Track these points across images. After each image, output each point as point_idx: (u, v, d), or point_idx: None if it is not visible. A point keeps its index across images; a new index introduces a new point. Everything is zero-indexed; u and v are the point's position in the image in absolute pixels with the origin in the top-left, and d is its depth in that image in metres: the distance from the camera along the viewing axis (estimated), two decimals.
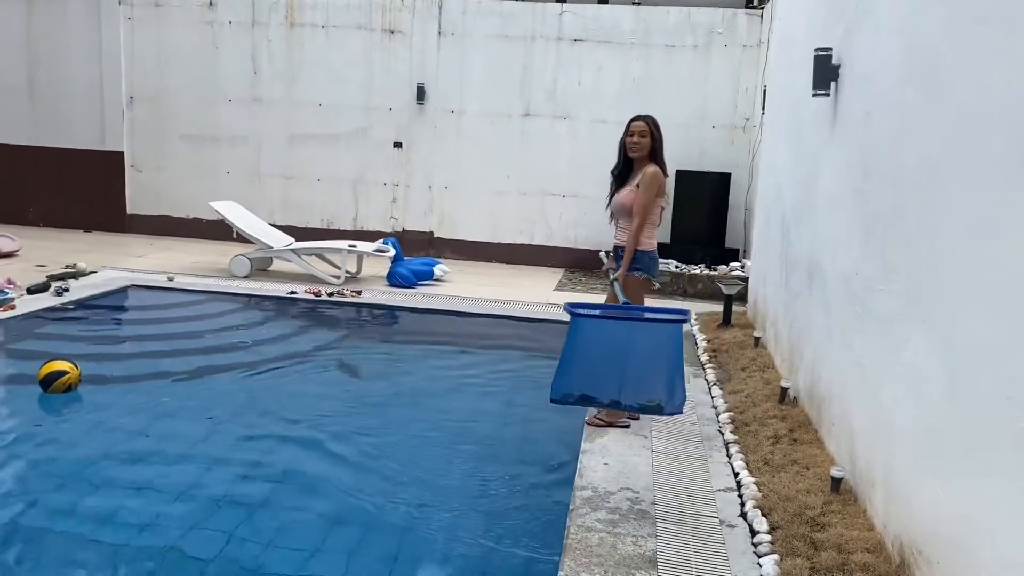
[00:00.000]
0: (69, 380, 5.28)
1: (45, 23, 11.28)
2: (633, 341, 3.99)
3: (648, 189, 4.78)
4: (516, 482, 4.43)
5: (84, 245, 10.40)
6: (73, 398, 5.28)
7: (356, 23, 10.82)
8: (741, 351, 6.65)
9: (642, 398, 4.02)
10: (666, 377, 3.88)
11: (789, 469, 4.26)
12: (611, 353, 3.95)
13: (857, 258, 4.00)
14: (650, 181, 4.79)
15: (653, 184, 4.79)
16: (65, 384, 5.27)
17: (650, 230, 4.93)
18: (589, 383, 3.96)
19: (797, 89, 5.69)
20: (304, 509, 3.95)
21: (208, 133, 11.25)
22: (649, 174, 4.80)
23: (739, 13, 10.31)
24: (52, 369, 5.27)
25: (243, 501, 4.00)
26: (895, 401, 3.35)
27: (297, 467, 4.43)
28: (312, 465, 4.47)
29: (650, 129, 4.86)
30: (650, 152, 4.88)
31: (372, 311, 8.17)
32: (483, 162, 10.81)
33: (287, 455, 4.58)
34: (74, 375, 5.31)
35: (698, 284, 9.47)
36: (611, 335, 3.99)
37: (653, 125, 4.89)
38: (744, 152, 10.21)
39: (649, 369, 3.93)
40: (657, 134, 4.88)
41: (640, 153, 4.87)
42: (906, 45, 3.45)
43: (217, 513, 3.86)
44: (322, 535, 3.74)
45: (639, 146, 4.85)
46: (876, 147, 3.80)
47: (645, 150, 4.86)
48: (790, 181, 5.95)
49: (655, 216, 4.93)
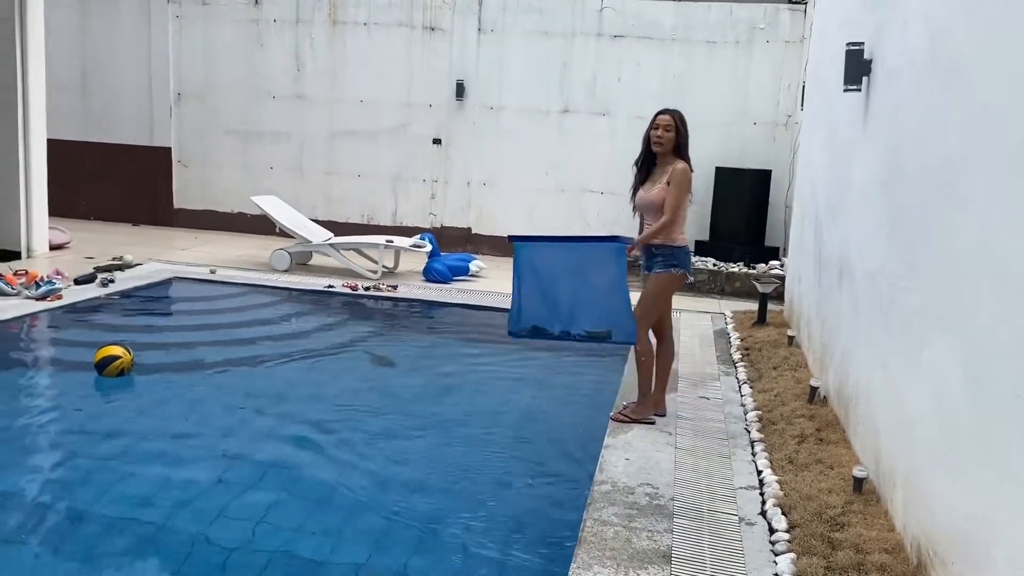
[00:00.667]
0: (121, 364, 5.49)
1: (98, 23, 11.59)
2: (574, 265, 4.05)
3: (680, 187, 4.76)
4: (538, 474, 4.46)
5: (132, 238, 10.68)
6: (120, 383, 5.46)
7: (397, 20, 10.93)
8: (774, 350, 6.58)
9: (589, 326, 4.08)
10: (612, 303, 3.90)
11: (813, 468, 4.22)
12: (554, 279, 4.02)
13: (883, 255, 3.94)
14: (681, 179, 4.77)
15: (684, 182, 4.78)
16: (118, 368, 5.48)
17: (681, 226, 4.92)
18: (538, 314, 4.05)
19: (831, 85, 5.62)
20: (328, 499, 4.02)
21: (252, 129, 11.46)
22: (679, 171, 4.78)
23: (781, 8, 10.19)
24: (106, 354, 5.48)
25: (268, 488, 4.09)
26: (916, 400, 3.30)
27: (321, 456, 4.51)
28: (338, 454, 4.54)
29: (676, 124, 4.83)
30: (674, 147, 4.86)
31: (407, 305, 8.26)
32: (521, 158, 10.84)
33: (311, 445, 4.66)
34: (126, 360, 5.51)
35: (736, 282, 9.38)
36: (552, 261, 4.06)
37: (679, 120, 4.86)
38: (786, 149, 10.08)
39: (594, 295, 3.97)
40: (683, 129, 4.85)
41: (664, 148, 4.85)
42: (931, 37, 3.39)
43: (243, 498, 3.95)
44: (349, 522, 3.81)
45: (664, 140, 4.83)
46: (902, 142, 3.74)
47: (669, 145, 4.84)
48: (824, 178, 5.88)
49: (685, 211, 4.92)
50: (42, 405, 5.19)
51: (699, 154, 10.34)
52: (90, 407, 5.15)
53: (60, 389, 5.54)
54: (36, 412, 5.01)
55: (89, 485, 4.04)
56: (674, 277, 4.90)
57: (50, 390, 5.50)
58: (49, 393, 5.43)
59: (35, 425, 4.77)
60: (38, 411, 5.04)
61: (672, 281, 4.92)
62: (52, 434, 4.73)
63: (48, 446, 4.56)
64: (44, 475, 4.15)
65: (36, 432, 4.68)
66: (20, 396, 5.28)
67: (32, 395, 5.31)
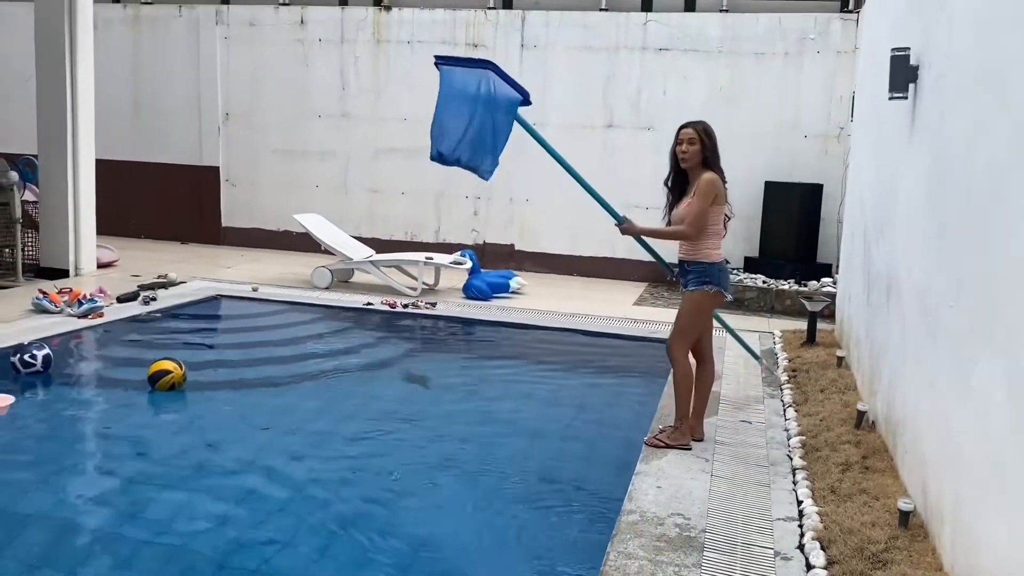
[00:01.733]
0: (172, 379, 5.56)
1: (149, 45, 11.83)
2: (478, 94, 4.19)
3: (703, 195, 4.58)
4: (568, 501, 4.28)
5: (179, 256, 10.80)
6: (158, 399, 5.47)
7: (441, 38, 10.91)
8: (822, 371, 6.30)
9: (469, 159, 4.31)
10: (490, 139, 4.03)
11: (856, 499, 3.96)
12: (460, 105, 4.20)
13: (930, 271, 3.69)
14: (705, 188, 4.59)
15: (709, 190, 4.59)
16: (168, 383, 5.55)
17: (715, 240, 4.72)
18: (442, 138, 4.28)
19: (879, 94, 5.36)
20: (353, 523, 3.91)
21: (298, 148, 11.54)
22: (705, 180, 4.60)
23: (833, 18, 9.88)
24: (158, 368, 5.58)
25: (298, 511, 3.98)
26: (963, 429, 3.05)
27: (355, 473, 4.41)
28: (364, 479, 4.44)
29: (699, 136, 4.65)
30: (703, 160, 4.67)
31: (446, 323, 8.15)
32: (565, 174, 10.65)
33: (345, 463, 4.56)
34: (177, 375, 5.58)
35: (786, 300, 9.07)
36: (462, 86, 4.21)
37: (702, 131, 4.68)
38: (838, 163, 9.75)
39: (483, 129, 4.12)
40: (708, 141, 4.66)
41: (691, 162, 4.67)
42: (976, 37, 3.16)
43: (267, 522, 3.85)
44: (371, 550, 3.69)
45: (688, 154, 4.67)
46: (948, 151, 3.50)
47: (696, 158, 4.66)
48: (872, 191, 5.61)
49: (718, 225, 4.71)
50: (71, 423, 5.19)
51: (748, 168, 10.17)
52: (120, 424, 5.13)
53: (91, 406, 5.54)
54: (64, 429, 5.01)
55: (110, 506, 3.99)
56: (708, 295, 4.71)
57: (81, 407, 5.50)
58: (79, 411, 5.42)
59: (62, 443, 4.77)
60: (67, 428, 5.04)
61: (706, 299, 4.72)
62: (78, 453, 4.72)
63: (72, 466, 4.53)
64: (65, 495, 4.11)
65: (63, 451, 4.67)
66: (49, 413, 5.29)
67: (61, 412, 5.31)
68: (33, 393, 5.54)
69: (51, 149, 9.03)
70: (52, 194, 9.09)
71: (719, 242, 4.75)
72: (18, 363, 5.76)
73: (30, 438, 4.78)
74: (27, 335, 6.64)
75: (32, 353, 5.81)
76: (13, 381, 5.63)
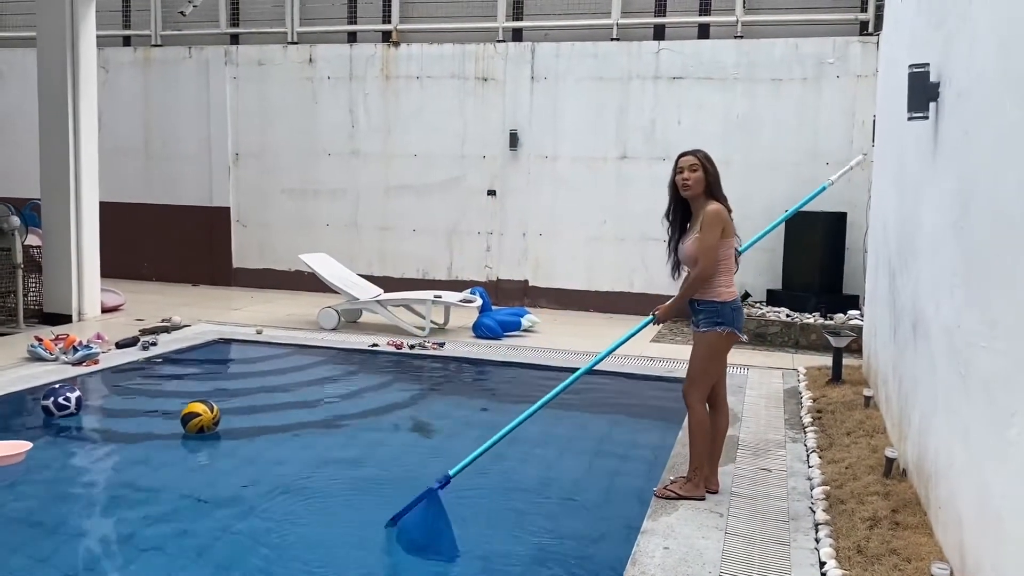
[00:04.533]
0: (200, 423, 5.44)
1: (159, 88, 11.79)
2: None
3: (711, 227, 4.25)
4: (568, 561, 3.92)
5: (188, 299, 10.62)
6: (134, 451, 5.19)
7: (450, 72, 10.73)
8: (849, 412, 5.89)
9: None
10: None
11: (886, 561, 3.56)
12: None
13: (960, 307, 3.32)
14: (712, 219, 4.26)
15: (716, 221, 4.26)
16: (196, 426, 5.44)
17: (726, 277, 4.37)
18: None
19: (899, 116, 5.02)
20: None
21: (309, 187, 11.38)
22: (711, 211, 4.28)
23: (852, 41, 9.57)
24: (188, 411, 5.48)
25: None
26: (1003, 489, 2.67)
27: (342, 544, 4.09)
28: (366, 536, 4.11)
29: (701, 163, 4.36)
30: (706, 189, 4.35)
31: (455, 364, 7.83)
32: (579, 208, 10.41)
33: (330, 524, 4.24)
34: (206, 418, 5.46)
35: (811, 335, 8.64)
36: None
37: (704, 159, 4.39)
38: (862, 190, 9.35)
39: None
40: (711, 168, 4.37)
41: (694, 191, 4.36)
42: (1001, 49, 2.82)
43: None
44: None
45: (691, 182, 4.36)
46: (974, 173, 3.15)
47: (699, 186, 4.35)
48: (894, 220, 5.25)
49: (728, 260, 4.37)
50: (43, 475, 4.91)
51: (768, 198, 9.82)
52: (100, 475, 4.88)
53: (66, 458, 5.28)
54: (36, 482, 4.74)
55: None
56: (721, 336, 4.35)
57: (57, 459, 5.23)
58: (52, 462, 5.15)
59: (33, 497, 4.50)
60: (38, 481, 4.78)
61: (718, 340, 4.36)
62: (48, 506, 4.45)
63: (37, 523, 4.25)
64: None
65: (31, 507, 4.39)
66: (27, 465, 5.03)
67: (36, 465, 5.04)
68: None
69: (54, 193, 8.93)
70: (55, 238, 8.96)
71: (731, 279, 4.40)
72: (52, 407, 5.74)
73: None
74: (19, 384, 6.48)
75: (66, 396, 5.79)
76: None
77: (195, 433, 5.42)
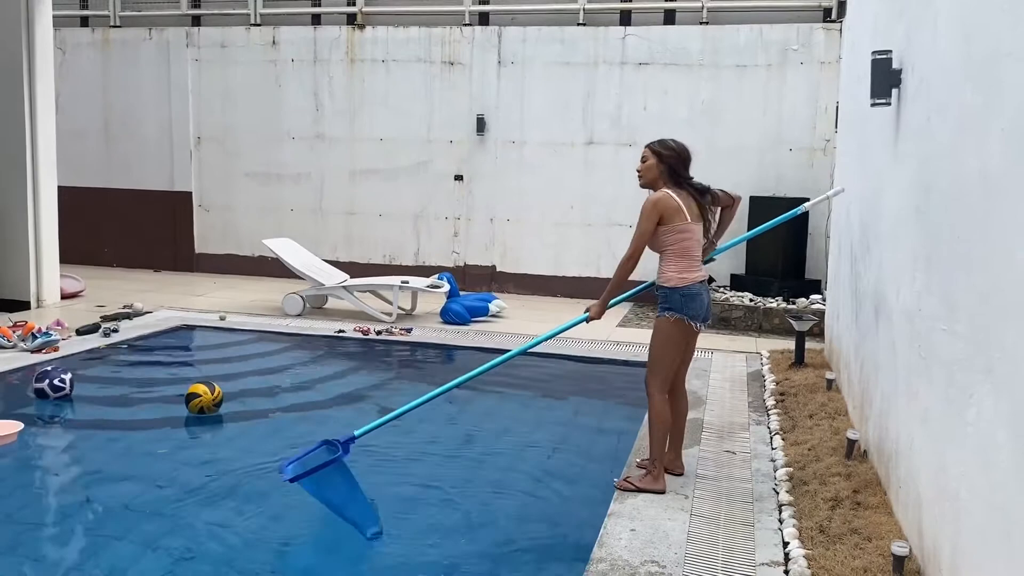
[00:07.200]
0: (200, 403, 5.52)
1: (119, 70, 11.55)
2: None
3: (643, 217, 4.36)
4: (537, 546, 3.94)
5: (150, 285, 10.47)
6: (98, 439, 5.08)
7: (416, 56, 10.65)
8: (811, 395, 5.98)
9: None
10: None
11: (847, 540, 3.63)
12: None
13: (920, 291, 3.38)
14: (646, 209, 4.35)
15: (650, 212, 4.33)
16: (197, 406, 5.52)
17: (679, 262, 4.33)
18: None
19: (862, 102, 5.08)
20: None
21: (272, 171, 11.24)
22: (647, 201, 4.38)
23: (815, 28, 9.65)
24: (191, 391, 5.55)
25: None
26: (961, 470, 2.72)
27: (300, 541, 4.07)
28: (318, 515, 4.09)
29: (653, 152, 4.41)
30: (662, 175, 4.39)
31: (422, 350, 7.81)
32: (546, 193, 10.41)
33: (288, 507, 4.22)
34: (206, 399, 5.52)
35: (774, 319, 8.77)
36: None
37: (657, 147, 4.43)
38: (825, 176, 9.49)
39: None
40: (666, 153, 4.39)
41: (644, 179, 4.48)
42: (964, 34, 2.86)
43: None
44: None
45: (641, 171, 4.49)
46: (935, 158, 3.20)
47: (650, 174, 4.45)
48: (857, 205, 5.32)
49: (676, 246, 4.35)
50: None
51: (732, 184, 9.70)
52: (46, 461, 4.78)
53: (23, 449, 5.18)
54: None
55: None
56: (670, 322, 4.34)
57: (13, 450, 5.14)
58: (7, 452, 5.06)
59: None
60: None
61: (667, 326, 4.35)
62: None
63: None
64: None
65: None
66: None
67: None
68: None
69: (10, 177, 8.71)
70: (12, 223, 8.76)
71: (682, 265, 4.34)
72: (47, 388, 5.73)
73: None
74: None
75: (60, 377, 5.80)
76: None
77: (196, 413, 5.51)
